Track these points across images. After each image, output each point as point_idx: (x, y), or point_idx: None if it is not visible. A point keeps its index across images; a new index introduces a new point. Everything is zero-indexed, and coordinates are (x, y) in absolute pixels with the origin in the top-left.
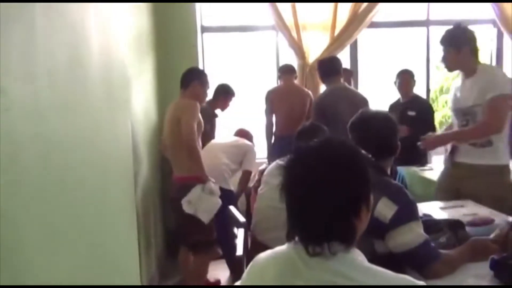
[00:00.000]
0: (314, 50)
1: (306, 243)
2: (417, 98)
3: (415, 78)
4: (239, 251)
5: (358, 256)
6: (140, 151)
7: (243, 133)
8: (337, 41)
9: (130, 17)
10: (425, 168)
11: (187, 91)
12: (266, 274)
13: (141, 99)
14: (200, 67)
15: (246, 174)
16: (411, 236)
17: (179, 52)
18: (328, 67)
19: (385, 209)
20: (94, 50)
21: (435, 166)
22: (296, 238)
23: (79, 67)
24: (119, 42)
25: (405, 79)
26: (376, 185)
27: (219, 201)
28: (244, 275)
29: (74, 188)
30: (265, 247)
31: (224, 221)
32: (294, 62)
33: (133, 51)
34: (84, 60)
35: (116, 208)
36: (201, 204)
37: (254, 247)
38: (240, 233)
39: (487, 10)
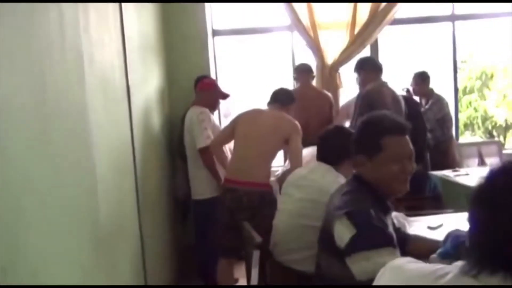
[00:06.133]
0: (333, 50)
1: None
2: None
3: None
4: (255, 275)
5: None
6: (144, 166)
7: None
8: (358, 40)
9: (134, 21)
10: (460, 173)
11: (283, 109)
12: None
13: (144, 105)
14: (212, 71)
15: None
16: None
17: (189, 57)
18: (375, 63)
19: (343, 230)
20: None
21: (470, 171)
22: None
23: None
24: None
25: None
26: (341, 203)
27: None
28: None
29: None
30: (286, 270)
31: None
32: (312, 63)
33: (137, 57)
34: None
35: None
36: None
37: (274, 269)
38: (255, 255)
39: None
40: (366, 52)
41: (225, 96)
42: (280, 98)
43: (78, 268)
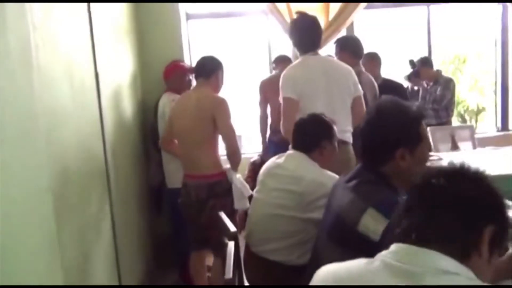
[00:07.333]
0: None
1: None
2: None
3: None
4: (230, 264)
5: None
6: (115, 155)
7: None
8: (333, 25)
9: (103, 5)
10: (433, 158)
11: (210, 81)
12: None
13: (115, 92)
14: (186, 56)
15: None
16: None
17: (163, 41)
18: (357, 48)
19: (373, 223)
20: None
21: (444, 155)
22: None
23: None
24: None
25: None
26: (361, 194)
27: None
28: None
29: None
30: (261, 260)
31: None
32: (288, 48)
33: (107, 42)
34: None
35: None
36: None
37: (249, 259)
38: (230, 244)
39: None
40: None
41: (192, 70)
42: (201, 71)
43: (47, 264)
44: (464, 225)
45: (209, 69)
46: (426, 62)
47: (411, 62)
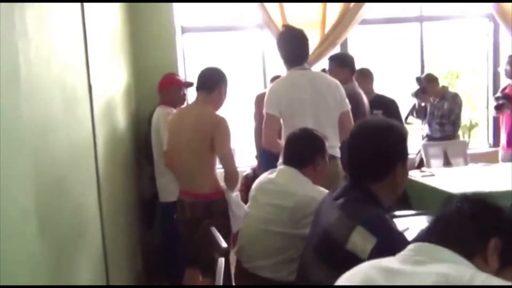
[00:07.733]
0: None
1: None
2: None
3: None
4: (220, 280)
5: None
6: (107, 167)
7: None
8: (328, 40)
9: (97, 18)
10: (426, 173)
11: (212, 95)
12: None
13: (108, 104)
14: (181, 69)
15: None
16: None
17: (157, 54)
18: (353, 65)
19: (362, 241)
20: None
21: (436, 172)
22: None
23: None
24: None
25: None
26: (350, 212)
27: None
28: None
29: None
30: (252, 276)
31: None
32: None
33: (101, 54)
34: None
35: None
36: (238, 212)
37: (240, 275)
38: (220, 262)
39: (483, 4)
40: (336, 52)
41: (187, 85)
42: (203, 83)
43: (31, 272)
44: (470, 231)
45: (213, 82)
46: (432, 79)
47: (418, 79)
